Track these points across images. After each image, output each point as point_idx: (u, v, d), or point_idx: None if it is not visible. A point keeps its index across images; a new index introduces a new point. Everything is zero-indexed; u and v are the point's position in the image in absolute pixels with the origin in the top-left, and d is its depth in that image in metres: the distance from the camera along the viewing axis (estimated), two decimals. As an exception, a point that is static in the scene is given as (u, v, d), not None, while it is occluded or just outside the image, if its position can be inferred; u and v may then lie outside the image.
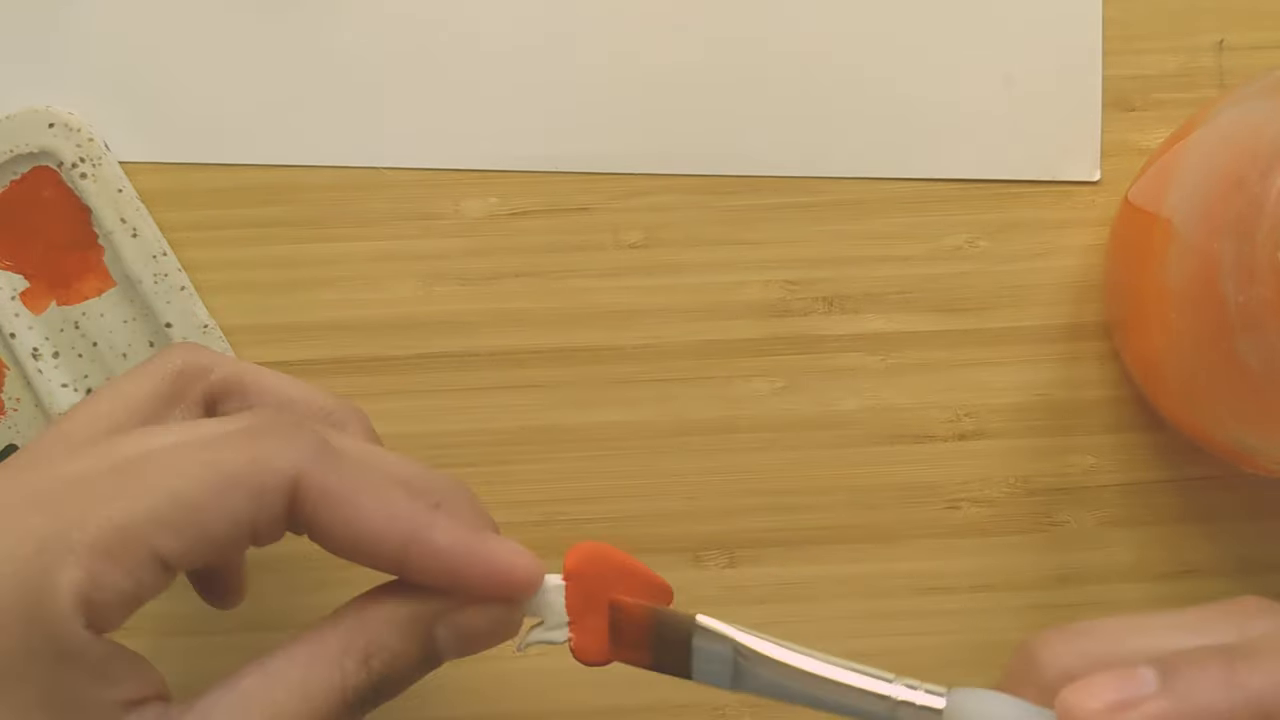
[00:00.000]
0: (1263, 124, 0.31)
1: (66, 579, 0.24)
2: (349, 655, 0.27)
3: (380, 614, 0.27)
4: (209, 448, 0.26)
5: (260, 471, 0.26)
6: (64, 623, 0.24)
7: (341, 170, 0.39)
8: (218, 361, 0.31)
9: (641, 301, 0.39)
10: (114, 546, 0.24)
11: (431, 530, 0.27)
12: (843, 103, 0.39)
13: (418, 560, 0.27)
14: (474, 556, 0.27)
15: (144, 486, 0.25)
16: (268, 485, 0.26)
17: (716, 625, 0.27)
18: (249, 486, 0.26)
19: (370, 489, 0.27)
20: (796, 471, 0.39)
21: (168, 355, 0.31)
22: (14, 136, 0.38)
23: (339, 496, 0.26)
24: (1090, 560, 0.39)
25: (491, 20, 0.38)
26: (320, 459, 0.26)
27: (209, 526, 0.25)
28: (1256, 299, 0.29)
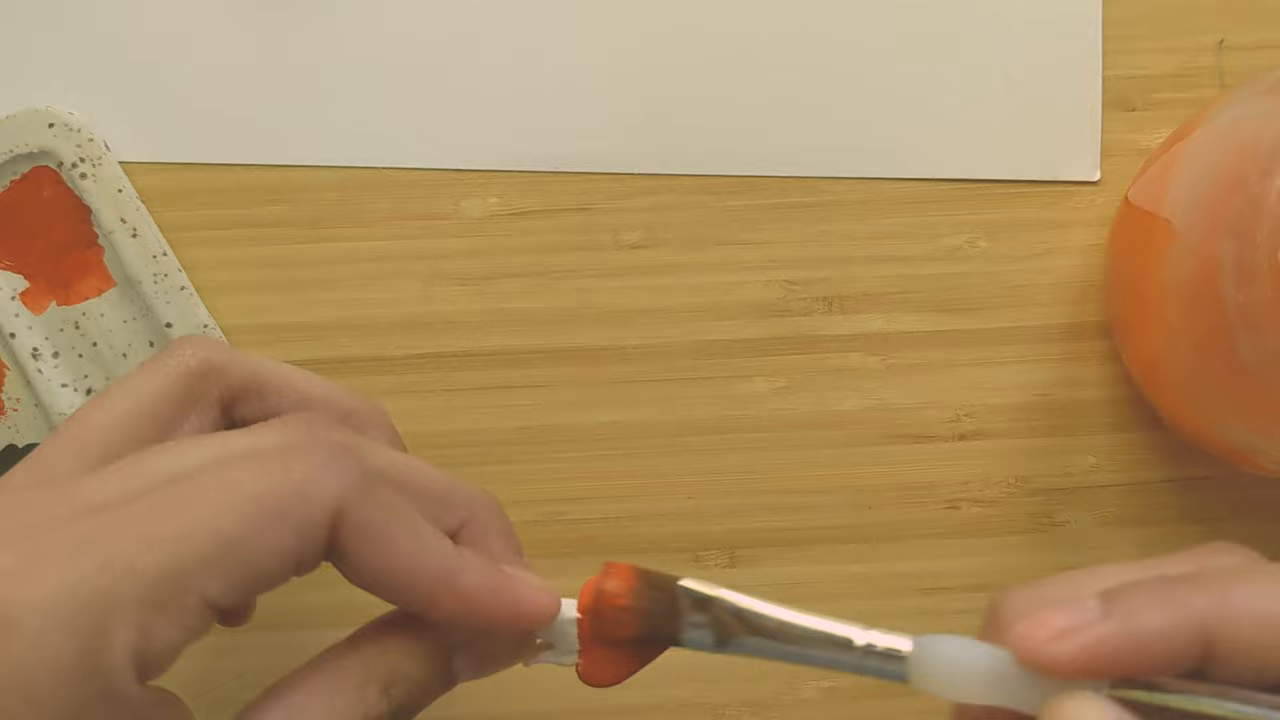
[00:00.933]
0: (1263, 124, 0.31)
1: (121, 638, 0.23)
2: (370, 686, 0.26)
3: (400, 645, 0.27)
4: (249, 474, 0.25)
5: (303, 503, 0.25)
6: (117, 676, 0.23)
7: (341, 170, 0.39)
8: (234, 359, 0.30)
9: (641, 301, 0.39)
10: (165, 598, 0.24)
11: (461, 575, 0.27)
12: (843, 103, 0.39)
13: (446, 602, 0.27)
14: (499, 599, 0.27)
15: (187, 525, 0.24)
16: (312, 518, 0.25)
17: (700, 587, 0.28)
18: (294, 521, 0.25)
19: (405, 525, 0.26)
20: (796, 471, 0.39)
21: (180, 352, 0.29)
22: (14, 136, 0.38)
23: (378, 532, 0.26)
24: (1090, 560, 0.39)
25: (492, 20, 0.38)
26: (362, 488, 0.26)
27: (255, 564, 0.25)
28: (1256, 299, 0.29)
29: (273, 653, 0.38)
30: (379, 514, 0.26)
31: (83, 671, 0.23)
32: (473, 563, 0.27)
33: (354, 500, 0.25)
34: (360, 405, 0.31)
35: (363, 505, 0.26)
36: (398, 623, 0.28)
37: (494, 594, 0.27)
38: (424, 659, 0.27)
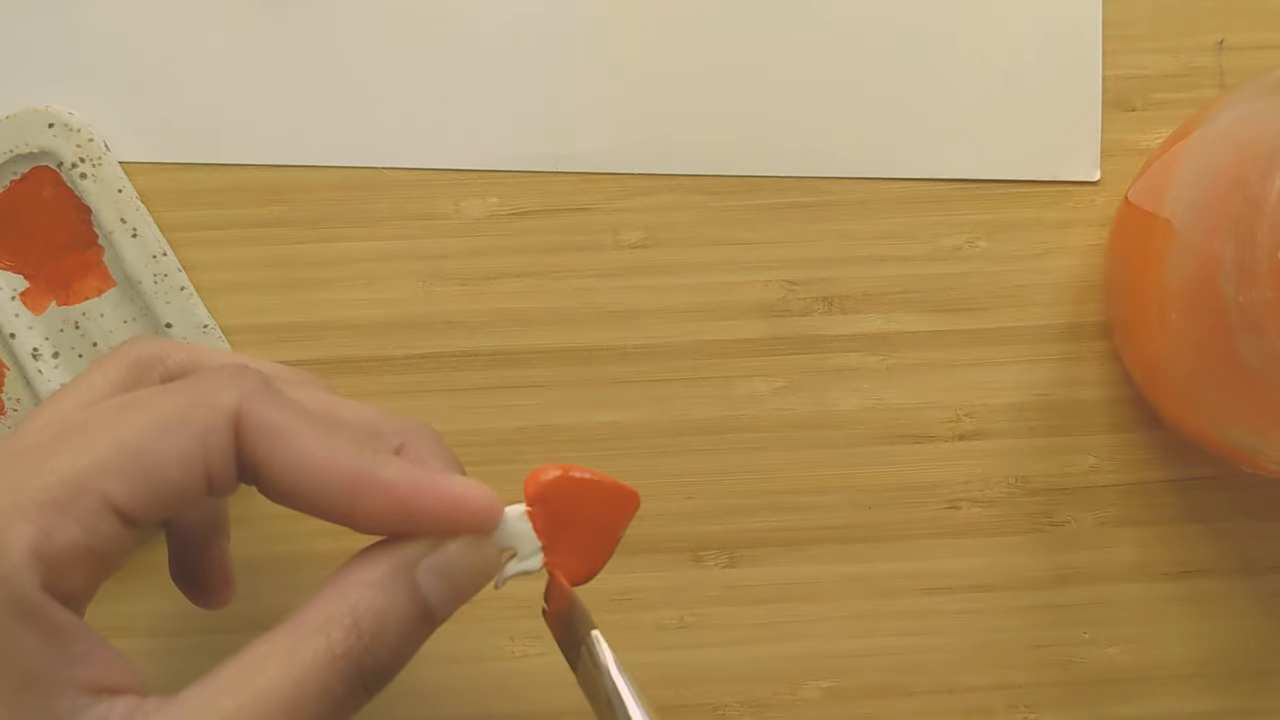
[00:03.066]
0: (1263, 124, 0.31)
1: (15, 534, 0.23)
2: (334, 623, 0.25)
3: (358, 577, 0.26)
4: (149, 396, 0.26)
5: (201, 408, 0.25)
6: (16, 578, 0.23)
7: (341, 170, 0.39)
8: (172, 348, 0.30)
9: (641, 301, 0.39)
10: (62, 498, 0.24)
11: (378, 468, 0.26)
12: (843, 103, 0.39)
13: (367, 499, 0.26)
14: (425, 491, 0.26)
15: (88, 439, 0.25)
16: (211, 423, 0.25)
17: (602, 651, 0.27)
18: (193, 425, 0.25)
19: (314, 427, 0.26)
20: (796, 471, 0.39)
21: (123, 348, 0.30)
22: (14, 136, 0.38)
23: (282, 431, 0.25)
24: (1090, 560, 0.39)
25: (491, 20, 0.38)
26: (262, 394, 0.26)
27: (158, 469, 0.25)
28: (1256, 299, 0.29)
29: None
30: (283, 416, 0.26)
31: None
32: (392, 460, 0.26)
33: (254, 402, 0.26)
34: (299, 374, 0.31)
35: (264, 406, 0.26)
36: (355, 561, 0.27)
37: (419, 487, 0.26)
38: (386, 584, 0.26)
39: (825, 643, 0.39)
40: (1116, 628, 0.39)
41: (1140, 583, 0.39)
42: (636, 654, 0.39)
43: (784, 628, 0.39)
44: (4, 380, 0.38)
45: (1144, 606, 0.39)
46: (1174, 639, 0.39)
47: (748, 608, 0.39)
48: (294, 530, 0.38)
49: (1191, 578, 0.39)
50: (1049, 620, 0.39)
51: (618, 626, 0.39)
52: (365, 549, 0.27)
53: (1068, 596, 0.39)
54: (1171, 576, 0.39)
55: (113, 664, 0.25)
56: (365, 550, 0.27)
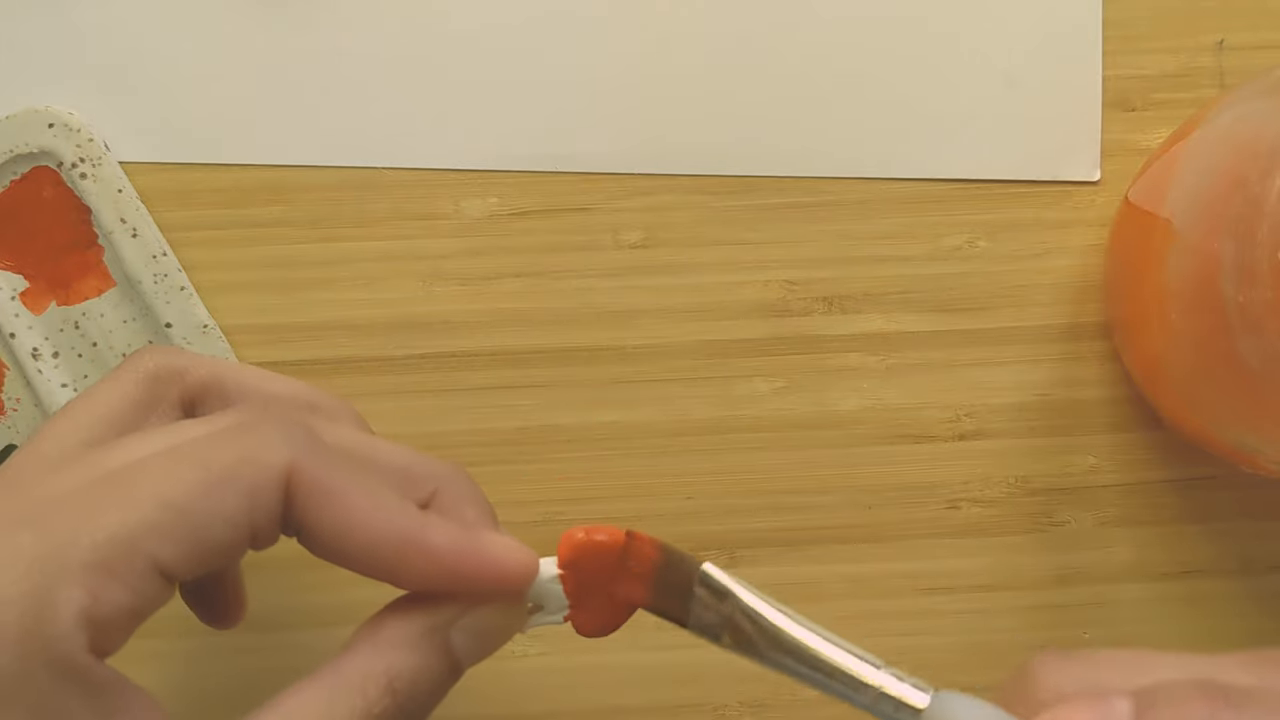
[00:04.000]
0: (1263, 124, 0.31)
1: (66, 597, 0.23)
2: (370, 681, 0.26)
3: (394, 635, 0.27)
4: (196, 448, 0.25)
5: (251, 467, 0.25)
6: (65, 642, 0.23)
7: (341, 170, 0.39)
8: (193, 362, 0.30)
9: (641, 301, 0.39)
10: (112, 560, 0.24)
11: (426, 531, 0.26)
12: (843, 102, 0.39)
13: (415, 563, 0.26)
14: (470, 556, 0.27)
15: (134, 496, 0.24)
16: (260, 481, 0.25)
17: (720, 576, 0.27)
18: (241, 484, 0.25)
19: (364, 486, 0.26)
20: (796, 471, 0.39)
21: (139, 359, 0.29)
22: (14, 136, 0.38)
23: (332, 492, 0.25)
24: (1090, 560, 0.39)
25: (491, 21, 0.38)
26: (312, 451, 0.26)
27: (205, 529, 0.24)
28: (1256, 299, 0.29)
29: (273, 653, 0.38)
30: (333, 475, 0.26)
31: (26, 632, 0.23)
32: (438, 523, 0.27)
33: (306, 462, 0.25)
34: (325, 399, 0.31)
35: (315, 466, 0.25)
36: (389, 616, 0.27)
37: (465, 551, 0.26)
38: (420, 643, 0.27)
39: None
40: (1116, 628, 0.39)
41: (1140, 583, 0.39)
42: (636, 654, 0.39)
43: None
44: (4, 380, 0.38)
45: (1144, 606, 0.39)
46: (1174, 639, 0.39)
47: (748, 608, 0.39)
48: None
49: (1191, 578, 0.39)
50: (1049, 620, 0.39)
51: (618, 626, 0.39)
52: (398, 602, 0.28)
53: (1068, 596, 0.39)
54: (1171, 576, 0.39)
55: (147, 711, 0.25)
56: (398, 604, 0.28)
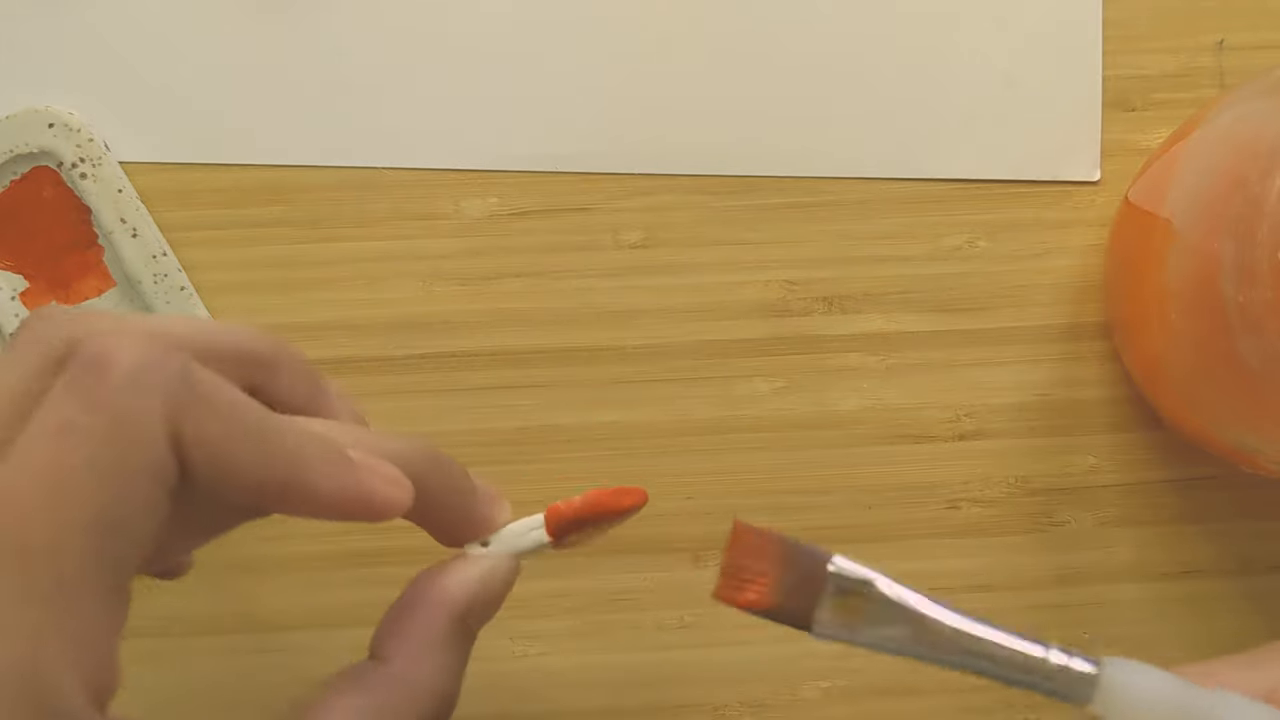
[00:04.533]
0: (1263, 124, 0.31)
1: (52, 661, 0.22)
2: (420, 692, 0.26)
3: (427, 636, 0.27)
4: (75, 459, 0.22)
5: (140, 447, 0.23)
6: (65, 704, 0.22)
7: (341, 170, 0.39)
8: (94, 329, 0.25)
9: (641, 301, 0.39)
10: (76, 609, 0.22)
11: (307, 475, 0.25)
12: (843, 103, 0.39)
13: (297, 507, 0.25)
14: (350, 496, 0.25)
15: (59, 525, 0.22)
16: (153, 462, 0.23)
17: (855, 569, 0.26)
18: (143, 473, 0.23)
19: (242, 429, 0.24)
20: (796, 471, 0.39)
21: (37, 334, 0.25)
22: (14, 136, 0.38)
23: (218, 451, 0.24)
24: (1090, 560, 0.39)
25: (491, 21, 0.38)
26: (192, 405, 0.23)
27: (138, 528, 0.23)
28: (1256, 299, 0.29)
29: (270, 653, 0.38)
30: (210, 425, 0.23)
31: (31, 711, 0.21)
32: (317, 458, 0.25)
33: (184, 415, 0.23)
34: (263, 347, 0.28)
35: (193, 420, 0.23)
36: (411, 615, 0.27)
37: (344, 493, 0.25)
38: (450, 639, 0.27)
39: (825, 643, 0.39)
40: (1116, 628, 0.39)
41: (1140, 583, 0.39)
42: (637, 654, 0.39)
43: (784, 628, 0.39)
44: (4, 380, 0.38)
45: (1144, 606, 0.39)
46: (1174, 639, 0.39)
47: (748, 608, 0.39)
48: (291, 531, 0.38)
49: (1191, 578, 0.39)
50: (1049, 620, 0.39)
51: (618, 626, 0.39)
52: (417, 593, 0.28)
53: (1068, 596, 0.39)
54: (1171, 576, 0.39)
55: None
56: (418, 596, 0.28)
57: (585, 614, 0.38)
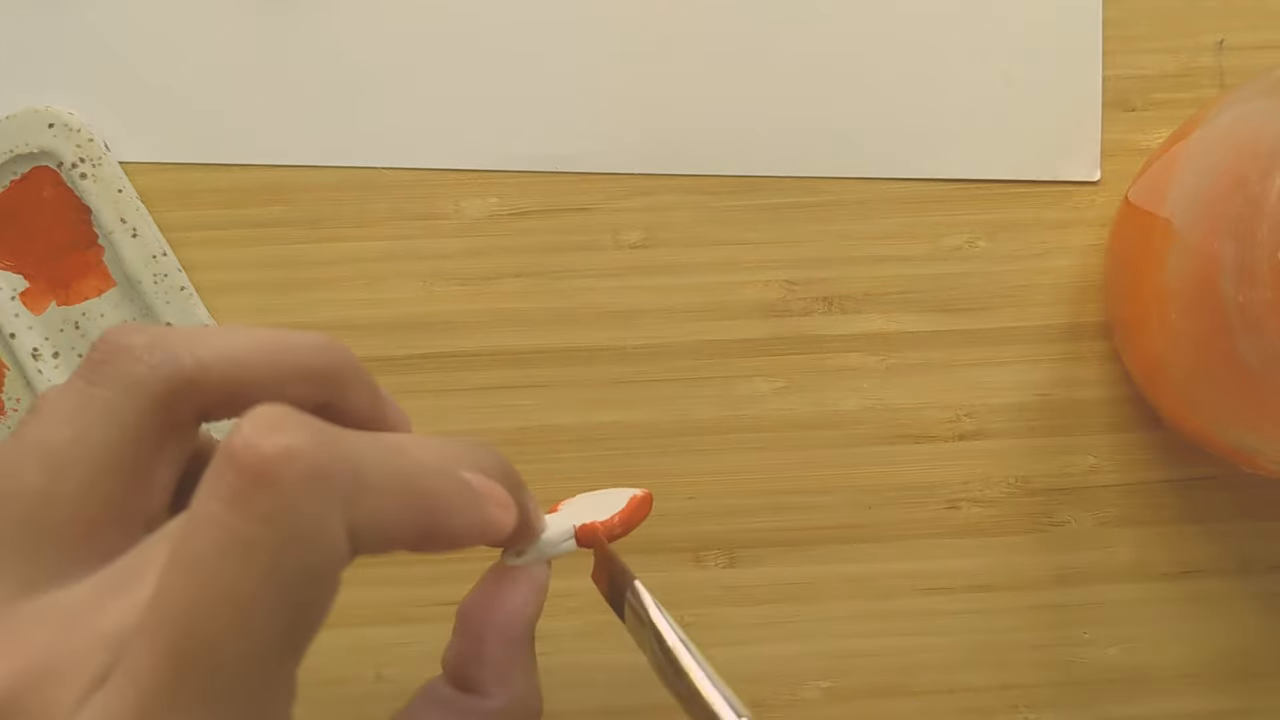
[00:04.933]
0: (1263, 124, 0.31)
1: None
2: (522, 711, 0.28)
3: (510, 666, 0.28)
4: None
5: (319, 556, 0.22)
6: None
7: (341, 170, 0.39)
8: (198, 357, 0.24)
9: (641, 301, 0.39)
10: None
11: (449, 518, 0.24)
12: (843, 103, 0.39)
13: (437, 548, 0.25)
14: (481, 530, 0.25)
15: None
16: (335, 560, 0.22)
17: (641, 595, 0.29)
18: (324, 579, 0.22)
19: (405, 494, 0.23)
20: (796, 471, 0.39)
21: (126, 364, 0.24)
22: (14, 136, 0.38)
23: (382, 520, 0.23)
24: (1090, 560, 0.39)
25: (491, 21, 0.38)
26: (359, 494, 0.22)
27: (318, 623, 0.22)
28: (1256, 299, 0.29)
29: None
30: (385, 504, 0.23)
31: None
32: (450, 497, 0.24)
33: (359, 511, 0.22)
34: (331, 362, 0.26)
35: (368, 508, 0.22)
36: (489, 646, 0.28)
37: (473, 529, 0.25)
38: (531, 661, 0.28)
39: (825, 643, 0.39)
40: (1116, 628, 0.39)
41: (1140, 583, 0.39)
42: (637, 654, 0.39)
43: (784, 628, 0.39)
44: (4, 380, 0.38)
45: (1144, 606, 0.39)
46: (1174, 639, 0.39)
47: (748, 608, 0.39)
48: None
49: (1191, 578, 0.39)
50: (1049, 620, 0.39)
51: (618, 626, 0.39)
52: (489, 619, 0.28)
53: (1068, 596, 0.39)
54: (1171, 576, 0.39)
55: None
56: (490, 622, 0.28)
57: (585, 614, 0.38)
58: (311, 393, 0.26)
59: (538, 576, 0.29)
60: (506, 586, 0.28)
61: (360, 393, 0.27)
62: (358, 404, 0.27)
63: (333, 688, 0.38)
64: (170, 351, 0.24)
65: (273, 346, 0.25)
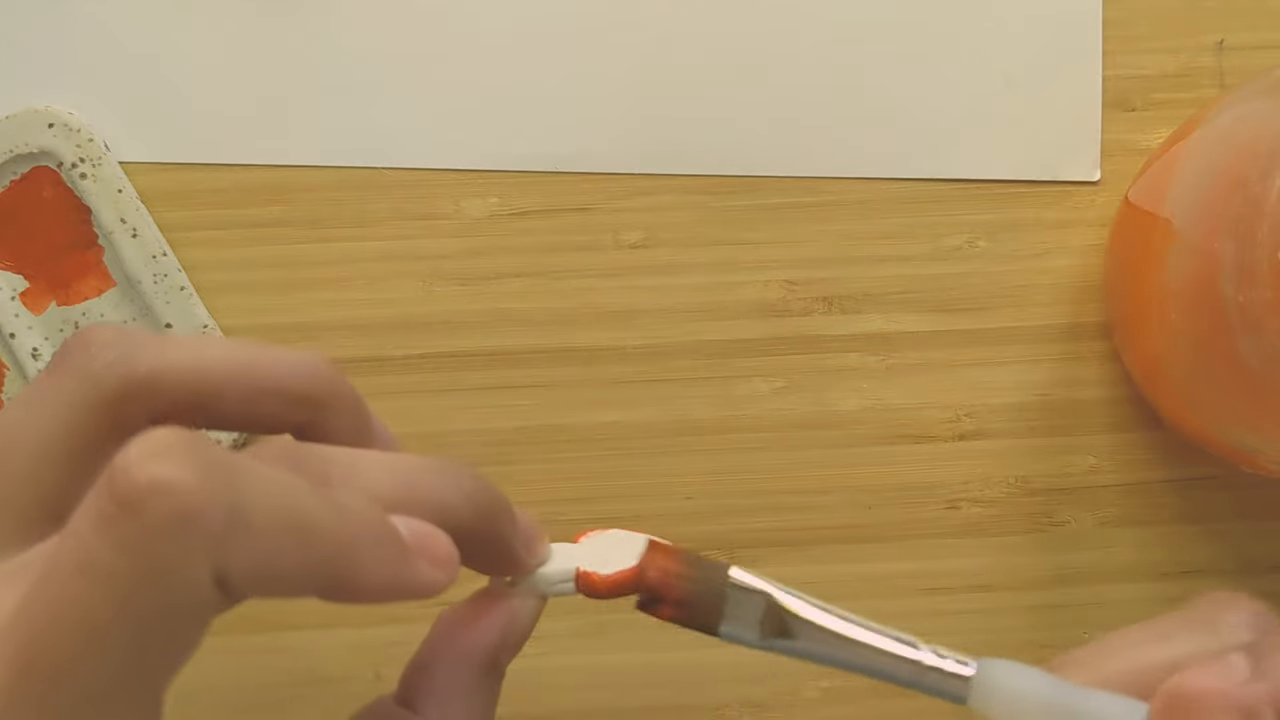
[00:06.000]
0: (1263, 124, 0.31)
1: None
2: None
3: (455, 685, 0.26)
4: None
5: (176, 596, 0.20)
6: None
7: (341, 170, 0.39)
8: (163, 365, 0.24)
9: (641, 301, 0.39)
10: None
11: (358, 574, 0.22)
12: (843, 103, 0.39)
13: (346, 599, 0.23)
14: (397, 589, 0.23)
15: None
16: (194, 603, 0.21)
17: (750, 579, 0.27)
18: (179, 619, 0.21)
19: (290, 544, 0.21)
20: (796, 471, 0.39)
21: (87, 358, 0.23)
22: (14, 136, 0.38)
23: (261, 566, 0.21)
24: (1090, 560, 0.39)
25: (491, 21, 0.38)
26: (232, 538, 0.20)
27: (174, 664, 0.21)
28: (1256, 299, 0.29)
29: (270, 653, 0.38)
30: (263, 549, 0.21)
31: None
32: (368, 547, 0.22)
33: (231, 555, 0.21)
34: (312, 384, 0.26)
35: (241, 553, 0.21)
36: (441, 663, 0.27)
37: (391, 586, 0.23)
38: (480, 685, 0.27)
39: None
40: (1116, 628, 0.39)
41: (1140, 583, 0.39)
42: (636, 654, 0.39)
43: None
44: (4, 380, 0.38)
45: (1144, 606, 0.39)
46: (1174, 639, 0.39)
47: (748, 608, 0.39)
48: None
49: (1191, 578, 0.39)
50: (1049, 620, 0.39)
51: (618, 626, 0.39)
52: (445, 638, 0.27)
53: (1068, 596, 0.39)
54: (1171, 577, 0.39)
55: None
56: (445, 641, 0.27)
57: (585, 614, 0.38)
58: (283, 412, 0.25)
59: (517, 610, 0.27)
60: (481, 612, 0.27)
61: (341, 416, 0.26)
62: (338, 426, 0.26)
63: (333, 687, 0.38)
64: (127, 351, 0.24)
65: (247, 361, 0.25)
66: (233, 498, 0.20)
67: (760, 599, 0.27)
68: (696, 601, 0.27)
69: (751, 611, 0.27)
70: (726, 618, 0.27)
